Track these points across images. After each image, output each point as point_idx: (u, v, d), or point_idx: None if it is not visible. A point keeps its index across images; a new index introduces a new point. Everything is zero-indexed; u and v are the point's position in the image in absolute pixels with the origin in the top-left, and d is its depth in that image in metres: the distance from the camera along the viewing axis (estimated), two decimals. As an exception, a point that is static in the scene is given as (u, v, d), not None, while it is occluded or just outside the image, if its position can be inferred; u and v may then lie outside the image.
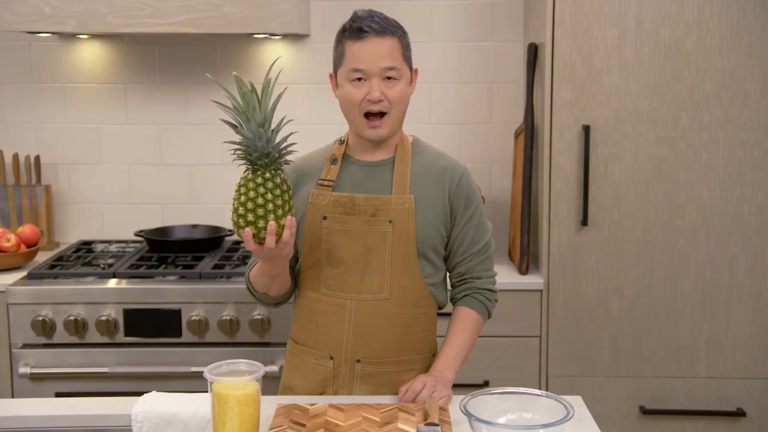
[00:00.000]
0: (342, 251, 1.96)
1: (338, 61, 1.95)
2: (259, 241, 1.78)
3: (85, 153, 3.36)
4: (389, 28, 1.91)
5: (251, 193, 1.76)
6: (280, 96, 1.79)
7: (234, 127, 1.78)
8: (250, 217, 1.76)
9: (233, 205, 1.79)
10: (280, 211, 1.77)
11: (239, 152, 1.78)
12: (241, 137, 1.77)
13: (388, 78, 1.90)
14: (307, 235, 1.99)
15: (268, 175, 1.77)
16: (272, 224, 1.76)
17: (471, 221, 2.02)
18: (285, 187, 1.79)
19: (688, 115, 2.73)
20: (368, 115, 1.93)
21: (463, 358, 2.01)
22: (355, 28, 1.90)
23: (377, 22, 1.90)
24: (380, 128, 1.93)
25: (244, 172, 1.81)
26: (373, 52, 1.89)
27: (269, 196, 1.76)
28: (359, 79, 1.90)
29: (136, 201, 3.39)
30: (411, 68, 1.98)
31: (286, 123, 1.81)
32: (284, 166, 1.82)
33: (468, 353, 2.03)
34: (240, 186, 1.79)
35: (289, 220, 1.79)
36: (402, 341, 1.99)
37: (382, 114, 1.92)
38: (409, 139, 2.04)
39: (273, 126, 1.78)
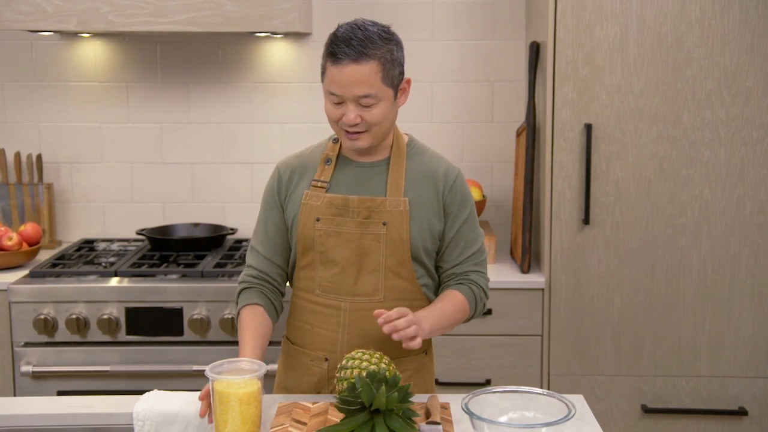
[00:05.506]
0: (336, 253, 1.95)
1: (322, 74, 1.90)
2: None
3: (87, 152, 3.36)
4: (367, 51, 1.80)
5: None
6: None
7: None
8: None
9: None
10: None
11: None
12: None
13: (365, 104, 1.85)
14: (301, 236, 1.97)
15: None
16: None
17: (464, 225, 1.99)
18: None
19: (690, 113, 2.73)
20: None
21: (443, 326, 1.92)
22: (331, 52, 1.83)
23: (354, 47, 1.80)
24: (359, 141, 1.89)
25: None
26: (348, 79, 1.81)
27: None
28: (337, 103, 1.86)
29: (137, 200, 3.39)
30: (397, 85, 1.89)
31: None
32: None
33: (447, 328, 1.94)
34: None
35: None
36: (396, 343, 1.97)
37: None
38: (405, 139, 2.02)
39: None
